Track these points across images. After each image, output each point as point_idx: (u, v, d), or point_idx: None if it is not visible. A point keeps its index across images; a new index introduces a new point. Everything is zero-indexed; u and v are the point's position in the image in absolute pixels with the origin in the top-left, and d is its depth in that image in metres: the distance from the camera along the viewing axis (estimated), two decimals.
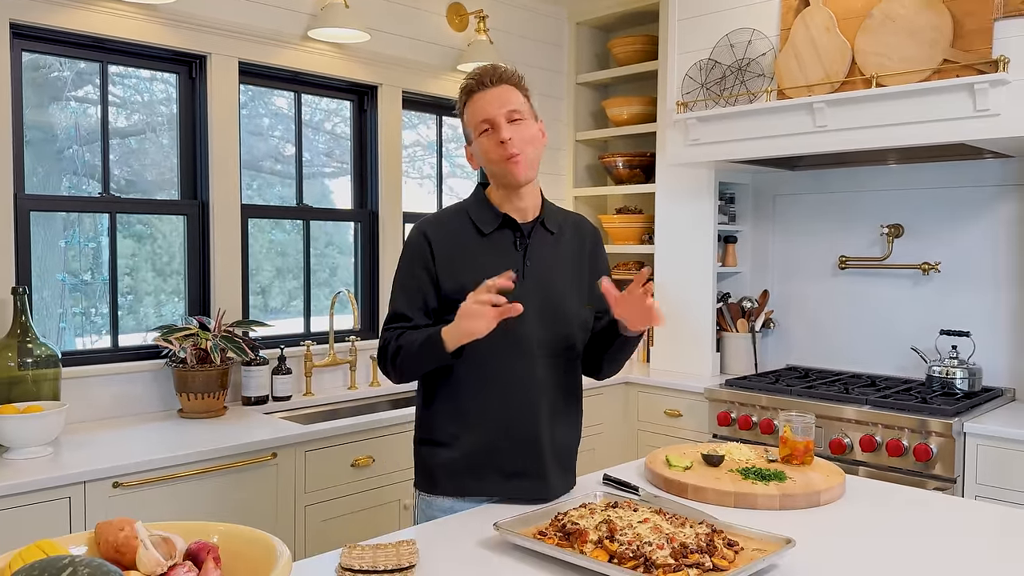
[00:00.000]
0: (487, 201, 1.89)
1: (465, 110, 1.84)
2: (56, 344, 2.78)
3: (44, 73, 2.78)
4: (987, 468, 2.74)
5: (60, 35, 2.68)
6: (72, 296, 2.89)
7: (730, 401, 3.33)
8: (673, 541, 1.40)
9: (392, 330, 1.84)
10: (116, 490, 2.23)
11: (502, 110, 1.78)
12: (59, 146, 2.84)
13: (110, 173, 2.87)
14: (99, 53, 2.81)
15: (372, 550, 1.51)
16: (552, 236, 1.92)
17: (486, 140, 1.80)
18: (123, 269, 2.99)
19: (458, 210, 1.91)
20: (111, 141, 2.89)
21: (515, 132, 1.78)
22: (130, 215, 2.95)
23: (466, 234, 1.86)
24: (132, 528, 1.11)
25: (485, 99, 1.79)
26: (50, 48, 2.70)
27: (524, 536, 1.50)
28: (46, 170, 2.82)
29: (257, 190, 3.38)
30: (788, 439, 2.01)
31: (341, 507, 2.70)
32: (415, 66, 3.62)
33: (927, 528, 1.67)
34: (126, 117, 2.99)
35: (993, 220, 3.25)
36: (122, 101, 2.98)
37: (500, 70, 1.82)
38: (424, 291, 1.84)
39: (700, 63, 3.35)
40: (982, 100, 2.63)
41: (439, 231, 1.86)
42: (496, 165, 1.80)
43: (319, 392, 3.27)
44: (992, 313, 3.25)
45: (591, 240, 1.99)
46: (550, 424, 1.87)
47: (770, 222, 3.91)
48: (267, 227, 3.37)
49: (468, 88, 1.83)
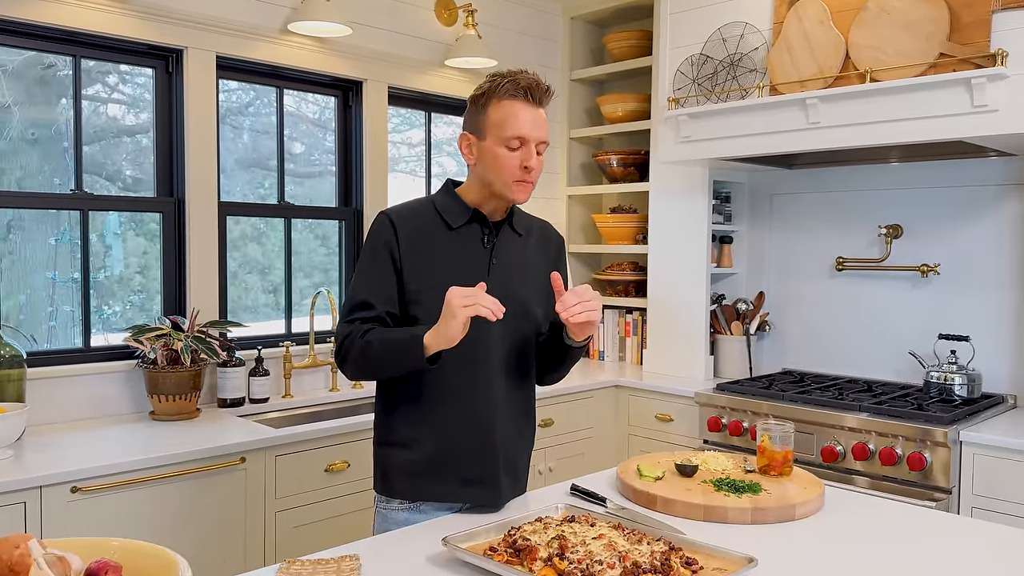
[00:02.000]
0: (457, 197, 1.83)
1: (494, 106, 1.74)
2: (44, 343, 2.74)
3: (51, 71, 2.75)
4: (984, 479, 2.63)
5: (27, 27, 2.61)
6: (61, 294, 2.84)
7: (721, 406, 3.23)
8: (626, 560, 1.32)
9: (354, 323, 1.74)
10: (75, 495, 2.16)
11: (539, 136, 1.74)
12: (64, 145, 2.79)
13: (84, 171, 2.81)
14: (71, 47, 2.75)
15: (312, 565, 1.43)
16: (519, 238, 1.88)
17: (508, 153, 1.73)
18: (135, 267, 2.97)
19: (425, 203, 1.84)
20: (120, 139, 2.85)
21: (538, 163, 1.75)
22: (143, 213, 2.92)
23: (434, 226, 1.79)
24: (27, 546, 1.03)
25: (527, 116, 1.73)
26: (18, 41, 2.64)
27: (471, 553, 1.42)
28: (51, 168, 2.78)
29: (270, 188, 3.32)
30: (766, 448, 1.92)
31: (313, 513, 2.63)
32: (401, 61, 3.55)
33: (908, 546, 1.58)
34: (122, 115, 2.95)
35: (995, 221, 3.14)
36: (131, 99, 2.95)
37: (550, 92, 1.77)
38: (388, 279, 1.76)
39: (692, 58, 3.25)
40: (979, 95, 2.52)
41: (405, 219, 1.79)
42: (504, 179, 1.74)
43: (299, 394, 3.20)
44: (993, 317, 3.14)
45: (555, 247, 1.96)
46: (507, 431, 1.81)
47: (767, 222, 3.81)
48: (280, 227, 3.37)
49: (510, 91, 1.73)
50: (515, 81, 1.73)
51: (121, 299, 2.96)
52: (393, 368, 1.72)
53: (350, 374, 1.77)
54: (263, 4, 3.10)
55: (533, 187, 1.78)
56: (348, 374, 1.77)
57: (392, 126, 3.70)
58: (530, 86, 1.73)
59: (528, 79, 1.74)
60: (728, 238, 3.83)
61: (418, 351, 1.64)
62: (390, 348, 1.68)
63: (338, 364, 1.78)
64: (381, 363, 1.71)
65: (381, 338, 1.69)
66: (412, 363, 1.66)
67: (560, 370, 1.89)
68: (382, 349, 1.68)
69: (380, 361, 1.70)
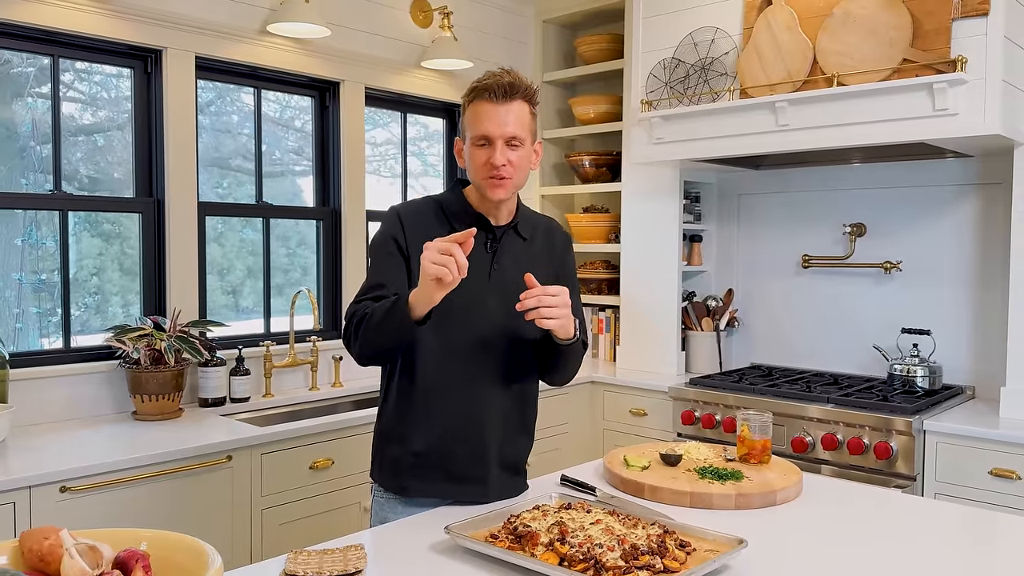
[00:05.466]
0: (464, 199, 1.87)
1: (468, 109, 1.78)
2: (11, 345, 2.72)
3: (5, 69, 2.72)
4: (946, 465, 2.75)
5: (5, 27, 2.60)
6: (34, 296, 2.81)
7: (694, 400, 3.32)
8: (624, 543, 1.38)
9: (362, 303, 1.76)
10: (64, 495, 2.17)
11: (503, 132, 1.73)
12: (21, 144, 2.77)
13: (62, 171, 2.80)
14: (50, 47, 2.74)
15: (319, 555, 1.47)
16: (524, 242, 1.90)
17: (478, 152, 1.76)
18: (90, 269, 2.93)
19: (433, 202, 1.89)
20: (77, 138, 2.83)
21: (510, 156, 1.74)
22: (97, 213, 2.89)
23: (439, 226, 1.83)
24: (57, 537, 1.07)
25: (488, 114, 1.73)
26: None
27: (474, 540, 1.47)
28: (8, 168, 2.75)
29: (228, 188, 3.32)
30: (746, 438, 2.00)
31: (299, 510, 2.65)
32: (378, 62, 3.58)
33: (882, 527, 1.67)
34: (92, 114, 2.93)
35: (954, 220, 3.28)
36: (89, 98, 2.92)
37: (515, 86, 1.75)
38: (399, 268, 1.80)
39: (664, 62, 3.34)
40: (941, 100, 2.64)
41: (412, 216, 1.84)
42: (479, 178, 1.77)
43: (279, 393, 3.22)
44: (953, 312, 3.28)
45: (561, 247, 1.98)
46: (501, 431, 1.85)
47: (734, 221, 3.92)
48: (237, 226, 3.33)
49: (475, 91, 1.76)
50: (479, 81, 1.77)
51: (75, 301, 2.92)
52: (388, 335, 1.70)
53: (356, 354, 1.76)
54: (242, 5, 3.11)
55: (512, 183, 1.77)
56: (355, 355, 1.77)
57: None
58: (489, 84, 1.75)
59: (490, 77, 1.76)
60: (698, 237, 3.93)
61: (403, 311, 1.64)
62: (382, 315, 1.68)
63: (346, 346, 1.78)
64: (377, 333, 1.70)
65: (376, 308, 1.71)
66: (400, 324, 1.65)
67: (560, 369, 1.89)
68: (375, 318, 1.69)
69: (376, 331, 1.69)
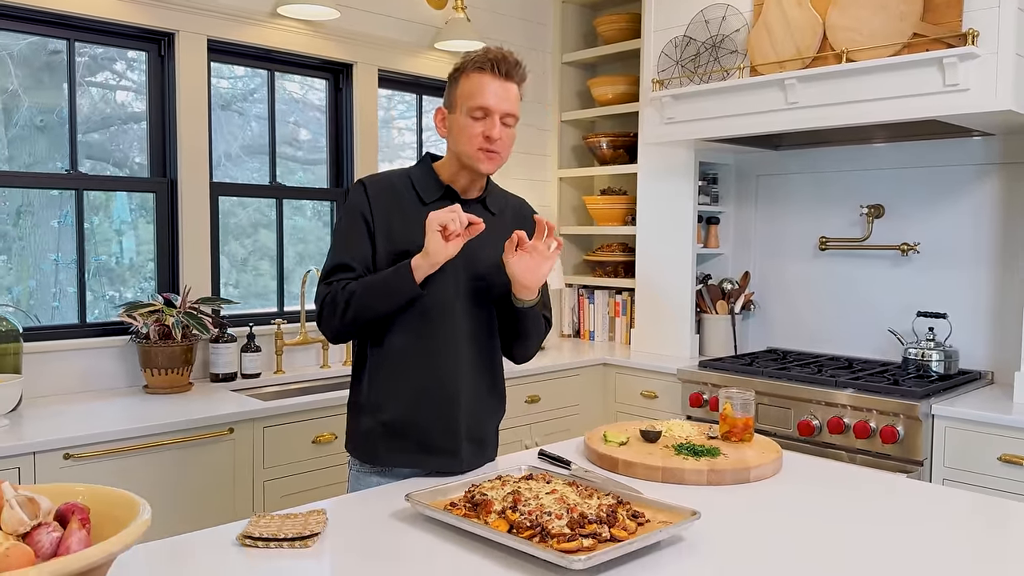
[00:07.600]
0: (433, 172, 1.89)
1: (463, 80, 1.81)
2: (49, 321, 2.84)
3: (57, 58, 2.83)
4: (955, 451, 2.69)
5: (22, 11, 2.69)
6: (64, 276, 2.92)
7: (703, 382, 3.29)
8: (573, 511, 1.39)
9: (332, 284, 1.79)
10: (67, 461, 2.25)
11: (504, 108, 1.79)
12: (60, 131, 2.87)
13: (78, 152, 2.89)
14: (65, 31, 2.83)
15: (280, 519, 1.51)
16: (492, 216, 1.92)
17: (472, 123, 1.79)
18: (147, 255, 3.07)
19: (402, 175, 1.91)
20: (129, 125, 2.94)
21: (503, 133, 1.80)
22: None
23: (407, 198, 1.86)
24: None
25: (493, 88, 1.78)
26: (14, 25, 2.71)
27: (432, 508, 1.49)
28: (61, 153, 2.87)
29: (280, 176, 3.40)
30: (728, 416, 1.98)
31: (301, 483, 2.71)
32: (391, 44, 3.60)
33: (849, 506, 1.64)
34: (141, 102, 3.03)
35: (974, 200, 3.18)
36: (138, 86, 3.02)
37: (519, 67, 1.82)
38: (363, 243, 1.82)
39: (675, 40, 3.30)
40: (951, 75, 2.57)
41: (380, 189, 1.86)
42: (470, 149, 1.80)
43: (290, 370, 3.28)
44: (971, 295, 3.19)
45: (529, 225, 1.99)
46: (470, 400, 1.87)
47: (752, 203, 3.86)
48: (288, 212, 3.44)
49: (479, 64, 1.79)
50: (484, 54, 1.80)
51: (132, 286, 3.05)
52: (383, 304, 1.74)
53: (333, 330, 1.80)
54: None
55: (501, 159, 1.83)
56: (330, 332, 1.80)
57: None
58: (497, 59, 1.79)
59: (496, 53, 1.80)
60: (715, 219, 3.88)
61: (407, 276, 1.71)
62: (378, 285, 1.73)
63: (319, 324, 1.82)
64: (368, 305, 1.74)
65: (364, 283, 1.75)
66: (403, 289, 1.72)
67: (523, 340, 1.91)
68: (368, 290, 1.73)
69: (367, 303, 1.73)
